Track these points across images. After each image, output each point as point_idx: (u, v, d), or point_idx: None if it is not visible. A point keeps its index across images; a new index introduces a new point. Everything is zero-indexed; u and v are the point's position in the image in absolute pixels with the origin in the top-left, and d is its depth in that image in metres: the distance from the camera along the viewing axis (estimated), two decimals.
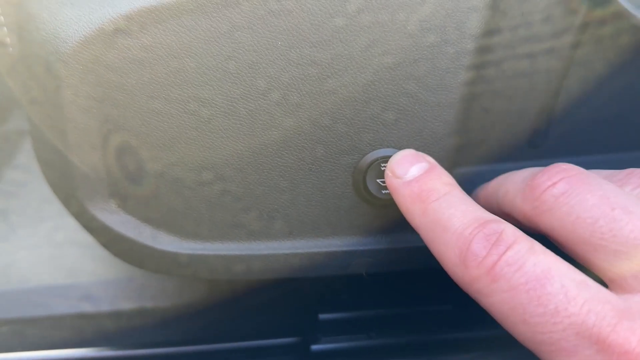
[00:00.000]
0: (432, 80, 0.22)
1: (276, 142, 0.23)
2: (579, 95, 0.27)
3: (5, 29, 0.23)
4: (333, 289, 0.32)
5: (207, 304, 0.36)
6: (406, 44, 0.21)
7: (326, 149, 0.23)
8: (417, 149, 0.24)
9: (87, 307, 0.36)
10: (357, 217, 0.26)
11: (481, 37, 0.22)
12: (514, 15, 0.23)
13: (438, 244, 0.20)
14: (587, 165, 0.29)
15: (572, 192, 0.19)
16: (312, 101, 0.22)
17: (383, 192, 0.25)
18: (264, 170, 0.23)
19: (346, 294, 0.32)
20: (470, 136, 0.27)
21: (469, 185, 0.27)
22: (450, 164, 0.26)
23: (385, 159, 0.24)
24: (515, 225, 0.20)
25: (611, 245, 0.18)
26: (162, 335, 0.37)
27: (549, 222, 0.20)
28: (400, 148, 0.24)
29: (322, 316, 0.32)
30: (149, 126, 0.22)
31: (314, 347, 0.33)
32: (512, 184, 0.22)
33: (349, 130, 0.23)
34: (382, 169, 0.24)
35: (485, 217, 0.20)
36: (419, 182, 0.22)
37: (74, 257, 0.37)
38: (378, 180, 0.25)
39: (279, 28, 0.21)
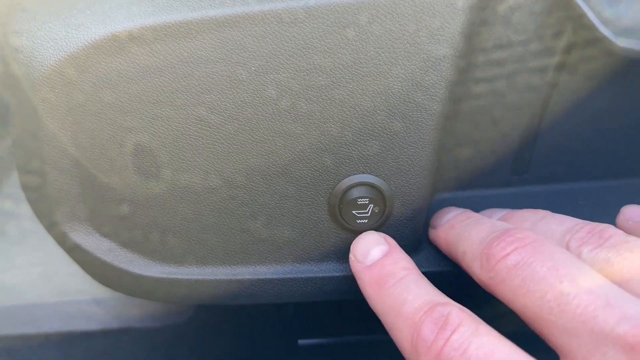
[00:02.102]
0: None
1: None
2: (561, 123, 0.26)
3: None
4: (313, 314, 0.31)
5: (192, 327, 0.36)
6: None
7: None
8: (401, 183, 0.24)
9: (76, 326, 0.36)
10: (334, 242, 0.26)
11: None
12: (498, 39, 0.23)
13: (394, 330, 0.21)
14: (570, 194, 0.29)
15: (524, 264, 0.19)
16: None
17: (359, 222, 0.25)
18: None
19: (326, 319, 0.32)
20: (454, 162, 0.27)
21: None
22: (431, 192, 0.26)
23: (361, 185, 0.24)
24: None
25: (559, 321, 0.18)
26: (148, 356, 0.37)
27: (503, 293, 0.20)
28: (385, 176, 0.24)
29: (302, 342, 0.31)
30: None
31: None
32: (470, 246, 0.22)
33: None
34: (359, 203, 0.24)
35: (435, 300, 0.20)
36: (377, 266, 0.23)
37: (65, 275, 0.37)
38: (354, 212, 0.25)
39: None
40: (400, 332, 0.21)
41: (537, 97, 0.25)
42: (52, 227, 0.26)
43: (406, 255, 0.24)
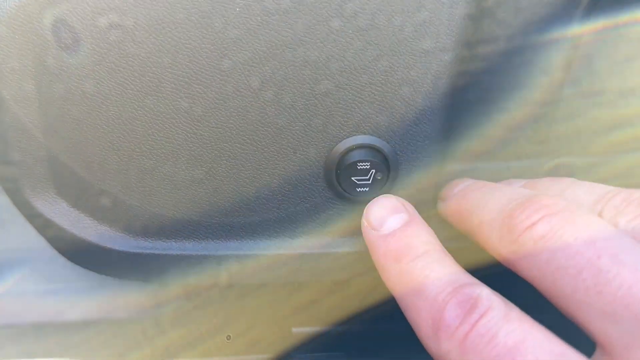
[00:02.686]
0: (426, 85, 0.22)
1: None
2: (578, 97, 0.24)
3: None
4: (308, 301, 0.30)
5: (180, 317, 0.34)
6: (401, 49, 0.21)
7: (317, 151, 0.23)
8: (406, 147, 0.23)
9: (53, 317, 0.35)
10: (331, 214, 0.24)
11: (476, 44, 0.22)
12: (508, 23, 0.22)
13: (411, 311, 0.19)
14: (588, 166, 0.26)
15: (554, 235, 0.17)
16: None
17: (358, 190, 0.23)
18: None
19: (321, 307, 0.30)
20: (464, 133, 0.25)
21: None
22: (441, 161, 0.24)
23: (362, 148, 0.22)
24: None
25: (597, 304, 0.15)
26: (135, 347, 0.35)
27: (528, 270, 0.18)
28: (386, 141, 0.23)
29: (296, 330, 0.29)
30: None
31: None
32: (487, 215, 0.20)
33: (342, 132, 0.22)
34: (359, 167, 0.22)
35: (461, 280, 0.18)
36: (395, 237, 0.21)
37: (43, 264, 0.36)
38: (353, 178, 0.23)
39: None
40: (419, 314, 0.18)
41: (552, 75, 0.23)
42: (18, 198, 0.25)
43: (428, 227, 0.21)
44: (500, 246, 0.19)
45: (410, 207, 0.22)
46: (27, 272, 0.36)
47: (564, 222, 0.17)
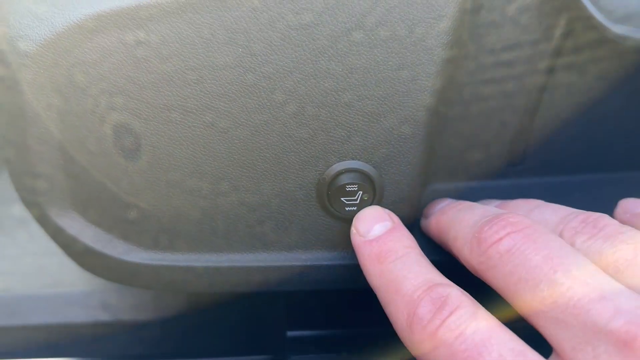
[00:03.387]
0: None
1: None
2: (557, 113, 0.26)
3: None
4: (302, 304, 0.31)
5: (182, 320, 0.35)
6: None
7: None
8: (391, 170, 0.24)
9: (64, 318, 0.36)
10: (323, 230, 0.25)
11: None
12: (493, 35, 0.23)
13: (390, 306, 0.21)
14: (566, 186, 0.28)
15: (517, 250, 0.19)
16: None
17: (347, 209, 0.24)
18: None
19: (316, 311, 0.31)
20: (447, 152, 0.27)
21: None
22: (423, 182, 0.26)
23: (350, 172, 0.24)
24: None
25: (551, 312, 0.17)
26: (137, 348, 0.36)
27: (494, 279, 0.19)
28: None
29: (291, 333, 0.31)
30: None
31: None
32: (461, 230, 0.22)
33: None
34: (347, 189, 0.24)
35: (435, 280, 0.20)
36: (379, 242, 0.23)
37: (54, 266, 0.37)
38: (342, 199, 0.24)
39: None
40: (396, 309, 0.20)
41: (532, 86, 0.25)
42: (37, 211, 0.26)
43: (409, 234, 0.23)
44: (471, 258, 0.21)
45: (395, 217, 0.24)
46: (36, 274, 0.37)
47: (527, 239, 0.19)
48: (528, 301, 0.18)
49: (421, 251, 0.22)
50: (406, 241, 0.23)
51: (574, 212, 0.21)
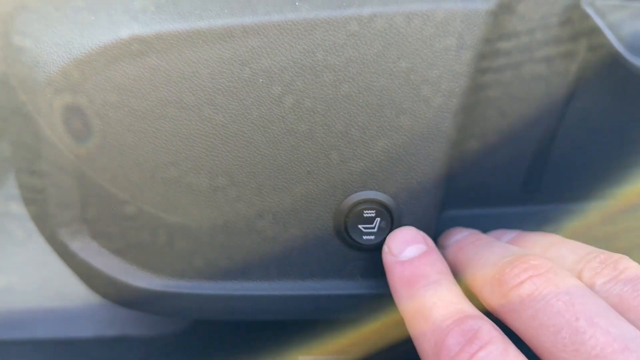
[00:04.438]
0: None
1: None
2: (575, 139, 0.26)
3: None
4: (315, 330, 0.31)
5: (188, 337, 0.35)
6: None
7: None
8: (409, 200, 0.24)
9: (70, 332, 0.36)
10: (339, 260, 0.25)
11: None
12: (508, 58, 0.23)
13: (417, 332, 0.20)
14: (584, 213, 0.28)
15: (538, 295, 0.19)
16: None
17: (364, 237, 0.24)
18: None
19: (329, 337, 0.31)
20: (463, 178, 0.27)
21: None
22: (439, 209, 0.25)
23: (368, 202, 0.24)
24: None
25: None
26: None
27: (515, 322, 0.19)
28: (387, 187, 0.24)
29: (302, 358, 0.31)
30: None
31: None
32: (480, 269, 0.21)
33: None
34: (365, 215, 0.24)
35: (466, 312, 0.20)
36: (412, 264, 0.22)
37: (61, 280, 0.37)
38: (360, 226, 0.24)
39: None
40: (424, 336, 0.20)
41: (551, 110, 0.24)
42: (49, 234, 0.26)
43: (442, 259, 0.23)
44: (491, 298, 0.20)
45: (429, 240, 0.24)
46: (41, 287, 0.37)
47: (548, 283, 0.19)
48: (549, 347, 0.18)
49: (453, 279, 0.22)
50: (439, 266, 0.22)
51: (594, 251, 0.21)
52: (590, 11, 0.22)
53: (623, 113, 0.25)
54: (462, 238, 0.25)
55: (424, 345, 0.20)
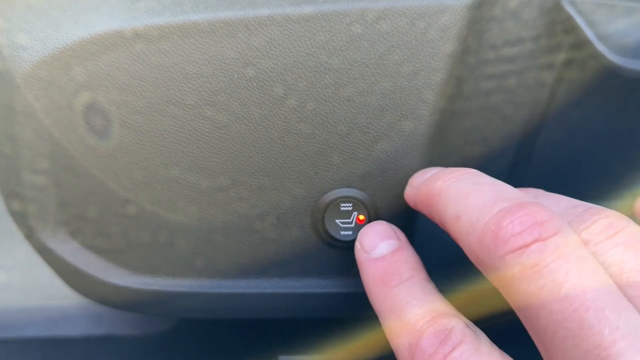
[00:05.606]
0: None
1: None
2: (557, 140, 0.25)
3: None
4: (296, 328, 0.31)
5: (175, 336, 0.35)
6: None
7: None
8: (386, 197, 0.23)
9: (57, 331, 0.36)
10: (317, 257, 0.25)
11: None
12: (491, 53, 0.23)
13: (392, 333, 0.20)
14: None
15: (544, 268, 0.16)
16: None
17: (342, 233, 0.24)
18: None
19: (309, 335, 0.31)
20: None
21: (439, 230, 0.26)
22: None
23: (346, 199, 0.23)
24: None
25: (570, 354, 0.15)
26: None
27: (511, 293, 0.17)
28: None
29: (283, 357, 0.31)
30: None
31: None
32: (467, 209, 0.18)
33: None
34: (342, 208, 0.23)
35: (439, 310, 0.19)
36: (384, 261, 0.22)
37: (47, 278, 0.37)
38: (337, 221, 0.24)
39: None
40: (399, 337, 0.20)
41: (531, 113, 0.24)
42: (27, 231, 0.26)
43: (415, 254, 0.22)
44: (481, 254, 0.17)
45: (402, 234, 0.23)
46: (26, 285, 0.37)
47: (557, 254, 0.16)
48: (549, 334, 0.16)
49: (427, 275, 0.22)
50: (412, 263, 0.22)
51: (581, 204, 0.19)
52: (570, 10, 0.21)
53: (607, 113, 0.24)
54: (439, 171, 0.21)
55: (399, 347, 0.20)
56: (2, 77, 0.22)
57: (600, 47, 0.21)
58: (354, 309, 0.25)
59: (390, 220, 0.24)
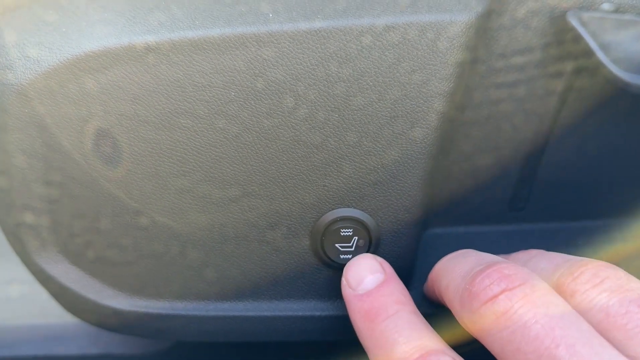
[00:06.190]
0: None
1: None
2: (562, 157, 0.25)
3: None
4: (295, 350, 0.30)
5: (172, 356, 0.34)
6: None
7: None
8: (388, 218, 0.23)
9: (53, 350, 0.35)
10: (316, 279, 0.25)
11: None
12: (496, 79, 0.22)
13: None
14: (569, 232, 0.27)
15: (514, 314, 0.17)
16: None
17: (342, 257, 0.23)
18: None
19: (310, 355, 0.31)
20: (448, 196, 0.26)
21: (444, 247, 0.26)
22: (421, 227, 0.24)
23: (345, 220, 0.23)
24: None
25: None
26: None
27: (489, 344, 0.18)
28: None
29: None
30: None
31: None
32: (453, 279, 0.20)
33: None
34: (342, 234, 0.23)
35: (427, 347, 0.19)
36: (370, 297, 0.21)
37: (42, 296, 0.36)
38: (337, 245, 0.23)
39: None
40: None
41: (537, 128, 0.24)
42: (21, 253, 0.25)
43: (403, 287, 0.22)
44: (462, 312, 0.19)
45: (388, 266, 0.23)
46: (23, 303, 0.36)
47: (525, 300, 0.17)
48: None
49: (415, 308, 0.21)
50: (398, 296, 0.21)
51: (572, 258, 0.20)
52: (576, 24, 0.21)
53: (612, 130, 0.24)
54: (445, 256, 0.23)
55: None
56: (14, 90, 0.21)
57: (607, 62, 0.21)
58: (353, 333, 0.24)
59: (394, 240, 0.24)
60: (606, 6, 0.22)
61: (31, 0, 0.22)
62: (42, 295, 0.35)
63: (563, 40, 0.22)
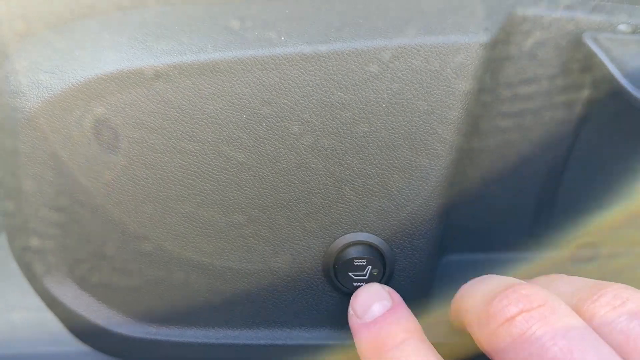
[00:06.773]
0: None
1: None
2: (584, 180, 0.24)
3: None
4: None
5: None
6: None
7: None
8: (403, 244, 0.23)
9: None
10: (329, 306, 0.24)
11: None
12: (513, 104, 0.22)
13: None
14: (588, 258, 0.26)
15: (531, 336, 0.17)
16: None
17: (355, 284, 0.23)
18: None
19: None
20: (466, 222, 0.25)
21: (460, 274, 0.25)
22: (436, 255, 0.24)
23: (356, 244, 0.22)
24: None
25: None
26: None
27: None
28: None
29: None
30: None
31: None
32: (473, 302, 0.20)
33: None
34: (355, 264, 0.23)
35: None
36: (376, 325, 0.21)
37: (54, 323, 0.36)
38: (350, 274, 0.23)
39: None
40: None
41: (556, 152, 0.23)
42: (30, 277, 0.25)
43: (411, 314, 0.21)
44: (480, 334, 0.18)
45: (395, 295, 0.22)
46: (29, 330, 0.36)
47: (543, 322, 0.17)
48: None
49: (423, 336, 0.20)
50: (405, 324, 0.21)
51: (593, 282, 0.19)
52: (593, 45, 0.21)
53: (629, 151, 0.24)
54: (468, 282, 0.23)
55: None
56: (25, 115, 0.22)
57: (625, 83, 0.20)
58: None
59: (407, 265, 0.23)
60: (623, 27, 0.22)
61: (42, 27, 0.22)
62: (51, 322, 0.35)
63: (575, 66, 0.22)
